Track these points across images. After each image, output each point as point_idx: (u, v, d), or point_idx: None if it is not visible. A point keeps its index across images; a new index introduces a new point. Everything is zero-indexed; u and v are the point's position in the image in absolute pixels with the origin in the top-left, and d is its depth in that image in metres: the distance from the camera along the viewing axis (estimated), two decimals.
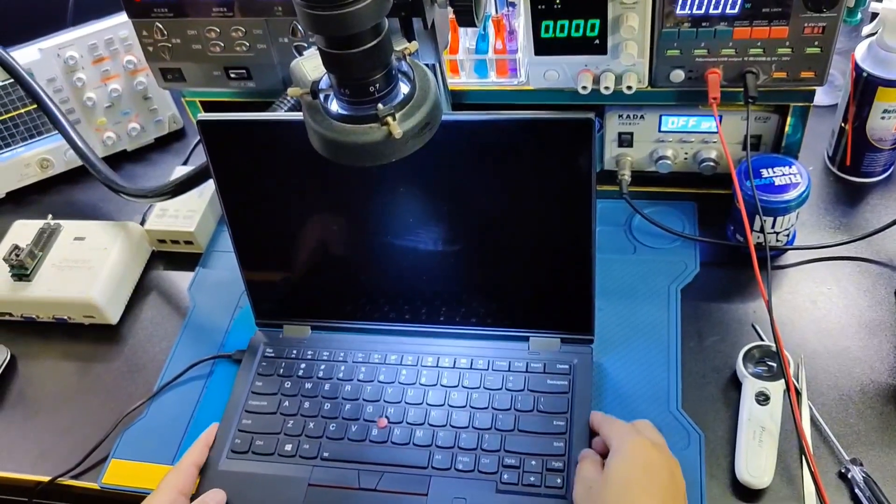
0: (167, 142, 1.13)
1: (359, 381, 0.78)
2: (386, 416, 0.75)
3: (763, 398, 0.72)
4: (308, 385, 0.78)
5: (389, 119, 0.53)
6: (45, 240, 0.93)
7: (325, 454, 0.73)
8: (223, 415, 0.78)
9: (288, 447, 0.74)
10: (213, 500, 0.71)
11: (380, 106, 0.53)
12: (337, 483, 0.71)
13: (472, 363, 0.77)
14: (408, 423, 0.74)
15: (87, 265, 0.91)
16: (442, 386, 0.76)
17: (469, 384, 0.76)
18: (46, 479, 0.78)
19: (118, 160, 1.10)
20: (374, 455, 0.73)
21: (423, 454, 0.72)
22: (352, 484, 0.71)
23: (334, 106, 0.55)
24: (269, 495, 0.72)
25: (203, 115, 0.71)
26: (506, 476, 0.70)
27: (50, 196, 1.08)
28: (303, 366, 0.80)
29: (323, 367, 0.79)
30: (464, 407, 0.74)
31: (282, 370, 0.80)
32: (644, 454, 0.63)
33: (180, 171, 0.93)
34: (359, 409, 0.76)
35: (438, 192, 0.72)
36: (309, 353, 0.81)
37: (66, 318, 0.91)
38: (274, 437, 0.75)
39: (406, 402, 0.75)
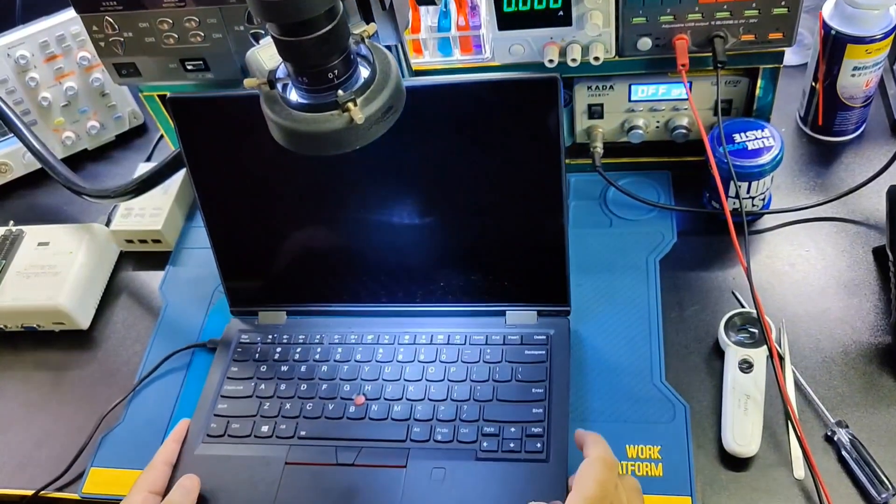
0: (129, 138, 1.10)
1: (335, 361, 0.77)
2: (363, 394, 0.74)
3: (746, 366, 0.72)
4: (284, 367, 0.77)
5: (350, 105, 0.51)
6: (7, 247, 0.91)
7: (302, 433, 0.73)
8: (198, 402, 0.77)
9: (264, 428, 0.73)
10: (186, 486, 0.69)
11: (340, 92, 0.52)
12: (314, 460, 0.71)
13: (448, 338, 0.77)
14: (385, 398, 0.74)
15: (53, 271, 0.88)
16: (419, 361, 0.76)
17: (446, 358, 0.75)
18: (30, 492, 0.76)
19: (80, 160, 1.08)
20: (351, 431, 0.72)
21: (402, 428, 0.71)
22: (329, 460, 0.70)
23: (293, 95, 0.54)
24: (245, 476, 0.71)
25: (174, 94, 0.69)
26: (485, 444, 0.69)
27: (10, 201, 1.05)
28: (279, 349, 0.79)
29: (299, 349, 0.78)
30: (441, 380, 0.74)
31: (257, 355, 0.79)
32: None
33: (144, 168, 0.90)
34: (335, 388, 0.75)
35: (405, 164, 0.71)
36: (285, 337, 0.80)
37: (35, 326, 0.88)
38: (250, 420, 0.74)
39: (383, 379, 0.75)
